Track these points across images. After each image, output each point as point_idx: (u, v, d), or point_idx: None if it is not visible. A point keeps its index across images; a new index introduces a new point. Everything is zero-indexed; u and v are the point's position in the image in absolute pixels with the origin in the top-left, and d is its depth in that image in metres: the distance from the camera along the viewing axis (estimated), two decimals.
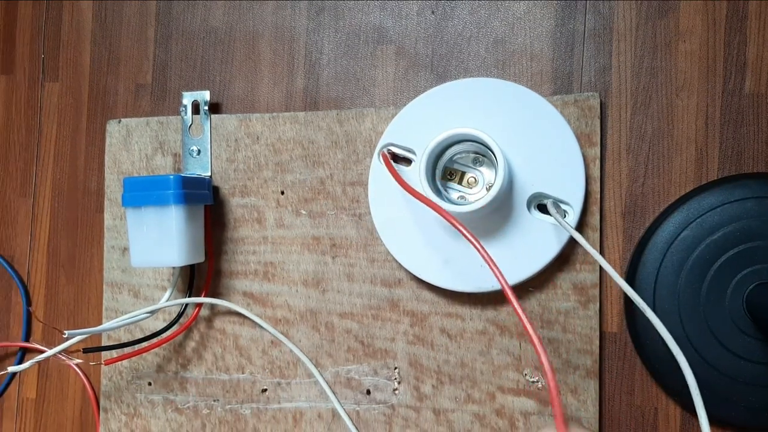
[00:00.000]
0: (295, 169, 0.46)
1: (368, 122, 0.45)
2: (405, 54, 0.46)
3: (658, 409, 0.41)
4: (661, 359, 0.39)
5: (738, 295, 0.38)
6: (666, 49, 0.41)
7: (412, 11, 0.46)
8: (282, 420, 0.46)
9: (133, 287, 0.49)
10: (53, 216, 0.52)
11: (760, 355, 0.37)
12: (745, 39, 0.40)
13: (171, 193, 0.42)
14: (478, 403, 0.43)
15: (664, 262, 0.39)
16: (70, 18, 0.53)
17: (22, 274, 0.53)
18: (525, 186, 0.40)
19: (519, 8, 0.44)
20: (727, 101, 0.40)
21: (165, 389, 0.48)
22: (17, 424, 0.52)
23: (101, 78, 0.52)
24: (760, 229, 0.38)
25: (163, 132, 0.49)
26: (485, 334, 0.43)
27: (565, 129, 0.40)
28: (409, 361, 0.44)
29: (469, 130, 0.39)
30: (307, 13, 0.48)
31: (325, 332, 0.45)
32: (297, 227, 0.46)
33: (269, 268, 0.46)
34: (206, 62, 0.49)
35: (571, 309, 0.41)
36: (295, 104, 0.48)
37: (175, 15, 0.50)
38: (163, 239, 0.42)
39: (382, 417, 0.44)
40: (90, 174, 0.51)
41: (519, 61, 0.44)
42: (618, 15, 0.42)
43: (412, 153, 0.43)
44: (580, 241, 0.35)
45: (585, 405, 0.41)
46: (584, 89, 0.42)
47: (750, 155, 0.40)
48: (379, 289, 0.44)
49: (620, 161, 0.41)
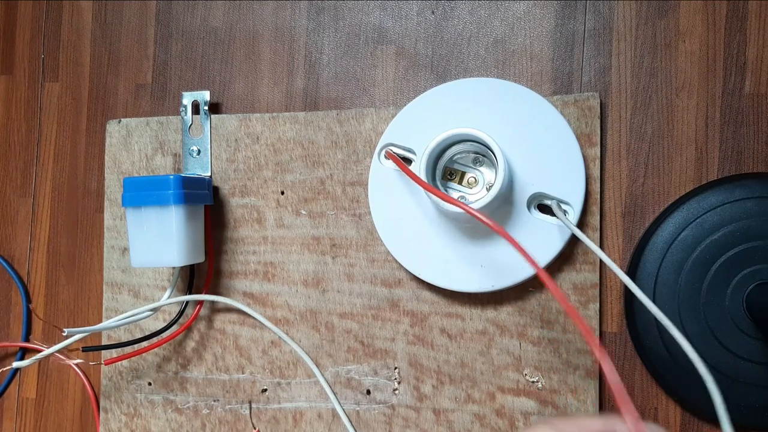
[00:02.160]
0: (295, 169, 0.46)
1: (368, 122, 0.45)
2: (405, 54, 0.46)
3: (658, 409, 0.41)
4: (661, 359, 0.39)
5: (738, 295, 0.38)
6: (666, 49, 0.41)
7: (412, 11, 0.46)
8: (282, 420, 0.46)
9: (133, 287, 0.49)
10: (53, 216, 0.52)
11: (760, 355, 0.37)
12: (745, 39, 0.40)
13: (171, 193, 0.42)
14: (478, 403, 0.43)
15: (664, 262, 0.39)
16: (70, 18, 0.53)
17: (22, 274, 0.53)
18: (525, 186, 0.40)
19: (519, 8, 0.44)
20: (727, 101, 0.40)
21: (165, 389, 0.48)
22: (17, 423, 0.52)
23: (101, 78, 0.52)
24: (760, 229, 0.38)
25: (163, 132, 0.49)
26: (485, 334, 0.43)
27: (565, 129, 0.40)
28: (409, 361, 0.44)
29: (469, 130, 0.39)
30: (307, 13, 0.48)
31: (325, 332, 0.45)
32: (297, 227, 0.46)
33: (269, 268, 0.46)
34: (206, 62, 0.49)
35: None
36: (295, 104, 0.48)
37: (175, 15, 0.50)
38: (163, 239, 0.42)
39: (382, 417, 0.44)
40: (90, 174, 0.51)
41: (519, 61, 0.44)
42: (618, 15, 0.42)
43: (412, 153, 0.43)
44: (582, 237, 0.35)
45: (585, 405, 0.41)
46: (584, 89, 0.42)
47: (750, 155, 0.40)
48: (379, 289, 0.44)
49: (620, 161, 0.41)
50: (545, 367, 0.41)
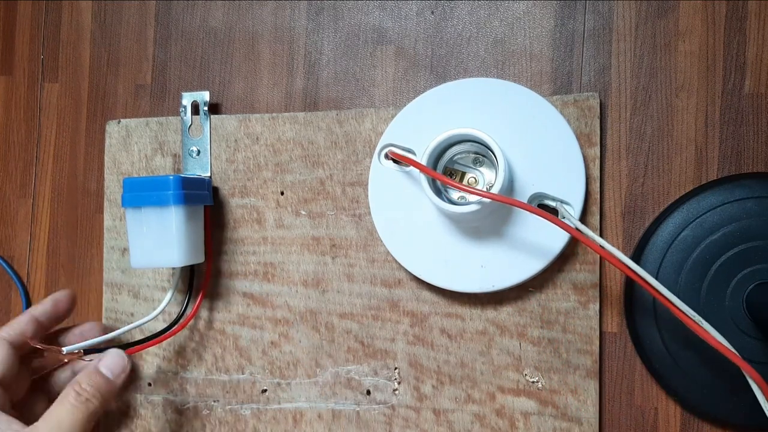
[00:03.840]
0: (294, 169, 0.46)
1: (368, 123, 0.45)
2: (404, 54, 0.46)
3: (658, 409, 0.41)
4: (661, 359, 0.39)
5: (738, 295, 0.38)
6: (665, 49, 0.41)
7: (411, 11, 0.46)
8: (282, 420, 0.46)
9: (133, 288, 0.49)
10: (53, 216, 0.52)
11: (760, 355, 0.37)
12: (744, 39, 0.40)
13: (171, 193, 0.42)
14: (478, 404, 0.43)
15: (664, 262, 0.39)
16: (70, 18, 0.52)
17: (22, 274, 0.53)
18: (525, 186, 0.40)
19: (518, 8, 0.44)
20: (727, 101, 0.40)
21: (165, 390, 0.48)
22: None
23: (101, 78, 0.52)
24: (760, 229, 0.38)
25: (163, 132, 0.49)
26: (485, 334, 0.43)
27: (565, 129, 0.40)
28: (409, 362, 0.44)
29: (469, 131, 0.39)
30: (307, 14, 0.48)
31: (325, 333, 0.45)
32: (297, 228, 0.46)
33: (269, 269, 0.46)
34: (206, 62, 0.49)
35: (571, 309, 0.41)
36: (294, 104, 0.48)
37: (175, 15, 0.50)
38: (162, 240, 0.42)
39: (382, 417, 0.44)
40: (89, 174, 0.51)
41: (518, 61, 0.44)
42: (617, 15, 0.42)
43: (412, 153, 0.43)
44: (586, 231, 0.35)
45: (585, 405, 0.41)
46: (584, 89, 0.42)
47: (749, 155, 0.40)
48: (379, 289, 0.44)
49: (620, 161, 0.42)
50: (545, 367, 0.41)
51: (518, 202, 0.36)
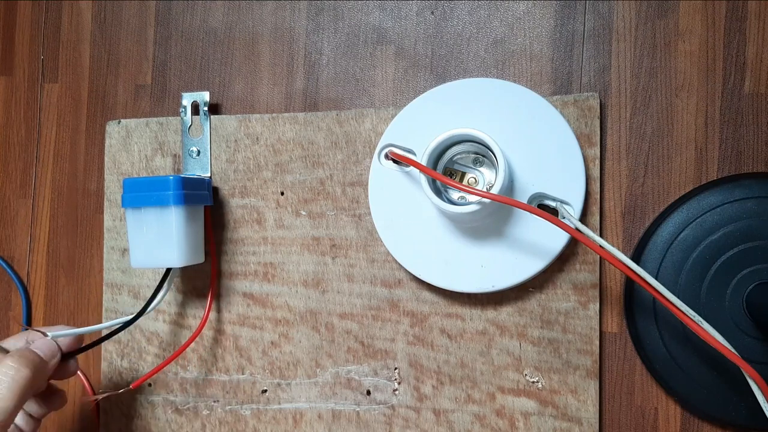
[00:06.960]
0: (294, 169, 0.46)
1: (368, 123, 0.45)
2: (404, 54, 0.46)
3: (658, 409, 0.41)
4: (661, 359, 0.39)
5: (738, 295, 0.38)
6: (665, 49, 0.41)
7: (411, 12, 0.46)
8: (282, 421, 0.46)
9: (133, 288, 0.49)
10: (53, 217, 0.52)
11: (760, 355, 0.37)
12: (744, 39, 0.40)
13: (171, 194, 0.42)
14: (478, 404, 0.43)
15: (664, 262, 0.39)
16: (70, 18, 0.52)
17: (22, 274, 0.53)
18: (525, 186, 0.40)
19: (518, 8, 0.44)
20: (727, 101, 0.40)
21: (165, 390, 0.48)
22: None
23: (101, 79, 0.52)
24: (760, 229, 0.38)
25: (163, 133, 0.49)
26: (485, 334, 0.43)
27: (565, 129, 0.40)
28: (409, 362, 0.44)
29: (470, 131, 0.39)
30: (307, 14, 0.48)
31: (325, 333, 0.45)
32: (297, 228, 0.46)
33: (269, 269, 0.46)
34: (206, 63, 0.49)
35: (571, 309, 0.41)
36: (294, 105, 0.48)
37: (175, 15, 0.50)
38: (162, 240, 0.42)
39: (382, 417, 0.44)
40: (89, 175, 0.51)
41: (518, 62, 0.44)
42: (617, 15, 0.42)
43: (413, 153, 0.43)
44: (586, 231, 0.35)
45: (585, 405, 0.41)
46: (584, 89, 0.42)
47: (749, 155, 0.40)
48: (379, 289, 0.44)
49: (620, 161, 0.42)
50: (545, 367, 0.41)
51: (518, 203, 0.36)
